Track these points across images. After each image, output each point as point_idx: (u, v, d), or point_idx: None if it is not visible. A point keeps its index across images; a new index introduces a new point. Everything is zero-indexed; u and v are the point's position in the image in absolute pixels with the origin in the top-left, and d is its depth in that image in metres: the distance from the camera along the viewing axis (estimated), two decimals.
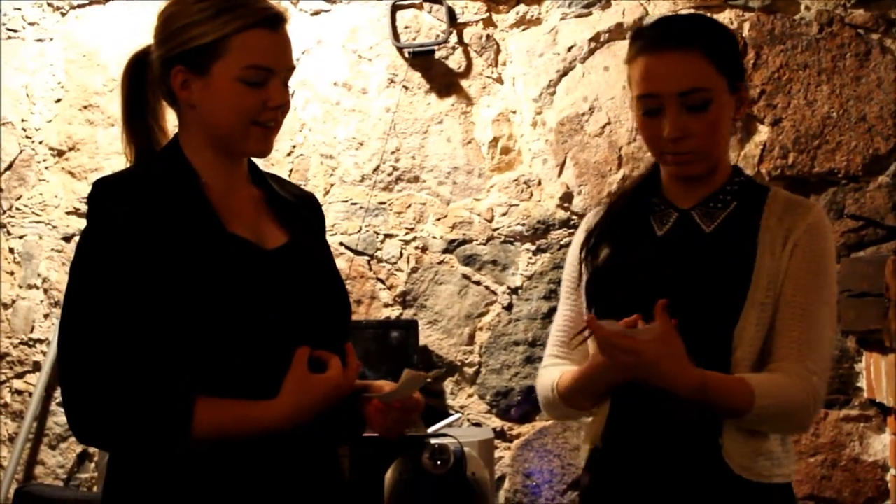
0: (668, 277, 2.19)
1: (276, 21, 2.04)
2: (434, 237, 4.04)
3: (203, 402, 1.91)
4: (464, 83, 4.05)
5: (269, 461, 1.98)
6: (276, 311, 2.00)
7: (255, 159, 2.17)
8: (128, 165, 2.13)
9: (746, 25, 3.87)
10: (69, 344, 1.94)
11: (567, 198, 3.96)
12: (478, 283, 4.02)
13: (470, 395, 4.02)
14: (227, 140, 2.05)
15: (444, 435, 3.50)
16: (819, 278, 2.20)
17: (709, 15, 3.85)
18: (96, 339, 1.91)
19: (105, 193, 2.00)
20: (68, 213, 4.26)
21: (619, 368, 2.11)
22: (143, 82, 2.11)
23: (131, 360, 1.92)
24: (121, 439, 1.94)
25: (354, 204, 4.09)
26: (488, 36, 4.04)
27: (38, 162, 4.28)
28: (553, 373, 2.35)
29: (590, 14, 3.98)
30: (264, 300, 1.99)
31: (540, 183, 3.98)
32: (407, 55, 4.06)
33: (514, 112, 4.02)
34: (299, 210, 2.20)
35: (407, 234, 4.06)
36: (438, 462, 3.40)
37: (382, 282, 4.07)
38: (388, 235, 4.07)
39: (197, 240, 1.98)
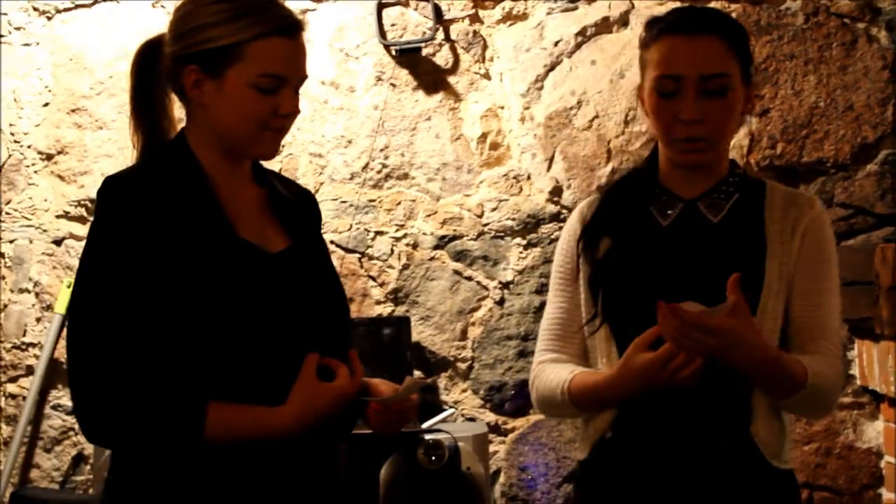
0: (680, 268, 2.18)
1: (294, 29, 2.02)
2: (425, 233, 4.05)
3: (214, 407, 1.92)
4: (451, 79, 4.05)
5: (270, 461, 1.98)
6: (282, 317, 1.99)
7: None
8: (134, 158, 2.10)
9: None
10: (78, 344, 1.93)
11: (557, 192, 3.96)
12: (469, 278, 4.02)
13: (463, 391, 4.02)
14: (236, 143, 2.04)
15: (439, 430, 3.50)
16: (827, 266, 2.23)
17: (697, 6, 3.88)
18: (106, 339, 1.90)
19: (115, 190, 1.97)
20: (58, 216, 4.25)
21: (696, 352, 2.03)
22: (153, 72, 2.08)
23: (141, 360, 1.91)
24: (132, 440, 1.94)
25: (344, 202, 4.09)
26: (475, 32, 4.04)
27: (27, 166, 4.27)
28: (560, 372, 2.27)
29: (576, 8, 3.98)
30: (271, 306, 1.99)
31: (529, 177, 3.99)
32: (394, 53, 4.06)
33: (502, 107, 4.02)
34: (299, 210, 2.18)
35: (397, 230, 4.06)
36: (433, 458, 3.41)
37: (374, 279, 4.07)
38: (378, 233, 4.08)
39: (208, 243, 1.97)
